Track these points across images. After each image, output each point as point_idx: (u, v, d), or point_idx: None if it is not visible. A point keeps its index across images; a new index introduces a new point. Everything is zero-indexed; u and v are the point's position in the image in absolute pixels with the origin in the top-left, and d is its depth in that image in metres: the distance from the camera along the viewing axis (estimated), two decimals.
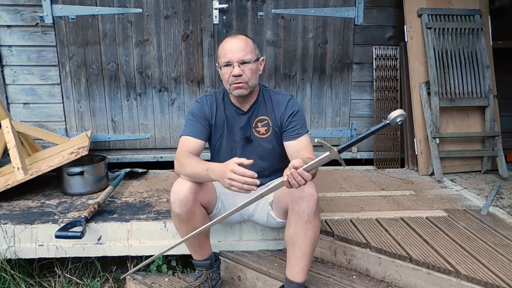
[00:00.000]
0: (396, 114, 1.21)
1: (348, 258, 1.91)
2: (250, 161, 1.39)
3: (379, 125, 1.26)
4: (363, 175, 2.92)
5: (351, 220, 2.10)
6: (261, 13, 2.90)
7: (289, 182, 1.35)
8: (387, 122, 1.24)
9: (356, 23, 2.97)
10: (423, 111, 2.87)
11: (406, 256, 1.75)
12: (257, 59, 1.68)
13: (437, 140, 2.82)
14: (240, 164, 1.38)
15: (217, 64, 1.72)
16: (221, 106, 1.78)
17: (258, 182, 1.36)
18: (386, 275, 1.80)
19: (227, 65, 1.63)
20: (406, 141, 3.03)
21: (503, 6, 3.06)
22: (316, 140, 1.38)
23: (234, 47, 1.62)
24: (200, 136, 1.72)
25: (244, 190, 1.37)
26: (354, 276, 1.85)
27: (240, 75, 1.61)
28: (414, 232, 1.98)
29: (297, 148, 1.69)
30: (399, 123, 1.23)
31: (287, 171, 1.37)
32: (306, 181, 1.35)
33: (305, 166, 1.35)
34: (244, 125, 1.76)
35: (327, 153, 1.32)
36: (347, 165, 3.13)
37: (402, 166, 3.10)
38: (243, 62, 1.61)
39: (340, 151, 1.30)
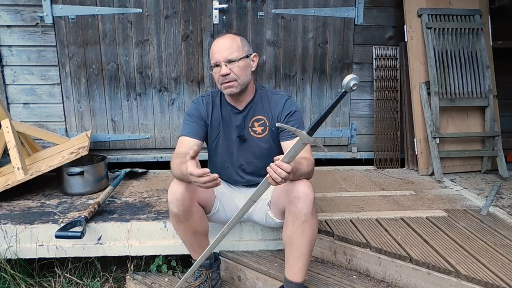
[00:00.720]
0: (348, 79, 1.19)
1: (348, 258, 1.91)
2: (193, 152, 1.38)
3: (338, 96, 1.23)
4: (363, 175, 2.92)
5: (351, 220, 2.10)
6: (261, 13, 2.90)
7: (271, 177, 1.35)
8: (343, 90, 1.21)
9: (356, 23, 2.97)
10: (423, 111, 2.87)
11: (406, 256, 1.75)
12: (247, 56, 1.67)
13: (437, 140, 2.82)
14: (193, 158, 1.38)
15: (209, 68, 1.73)
16: (217, 106, 1.78)
17: (215, 176, 1.36)
18: (386, 275, 1.80)
19: (216, 66, 1.65)
20: (406, 141, 3.03)
21: (503, 6, 3.06)
22: (277, 124, 1.37)
23: (220, 47, 1.63)
24: (197, 136, 1.73)
25: (209, 187, 1.38)
26: (354, 276, 1.85)
27: (228, 74, 1.62)
28: (414, 232, 1.98)
29: None
30: (354, 88, 1.19)
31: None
32: (288, 173, 1.34)
33: (282, 157, 1.35)
34: (240, 124, 1.77)
35: (297, 138, 1.30)
36: (347, 165, 3.16)
37: (402, 166, 3.10)
38: (229, 61, 1.62)
39: (309, 133, 1.27)
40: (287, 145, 1.71)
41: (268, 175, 1.37)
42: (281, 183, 1.37)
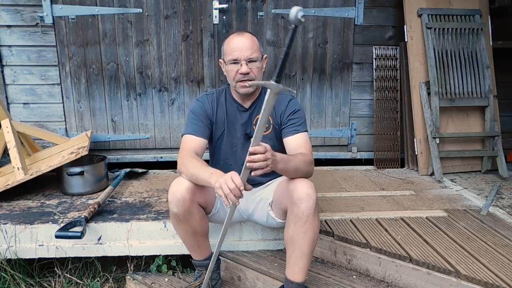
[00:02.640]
0: (294, 11, 1.17)
1: (348, 258, 1.91)
2: (250, 187, 1.38)
3: (291, 33, 1.22)
4: (363, 175, 2.92)
5: (351, 220, 2.10)
6: (261, 13, 2.90)
7: (252, 167, 1.33)
8: (293, 25, 1.21)
9: (356, 23, 2.97)
10: (423, 111, 2.87)
11: (406, 256, 1.75)
12: (262, 58, 1.69)
13: (437, 140, 2.82)
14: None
15: (221, 60, 1.72)
16: (222, 104, 1.78)
17: (238, 202, 1.35)
18: (386, 275, 1.80)
19: (234, 63, 1.63)
20: (406, 141, 3.03)
21: (503, 6, 3.05)
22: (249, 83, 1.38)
23: (242, 45, 1.62)
24: (203, 135, 1.72)
25: (226, 199, 1.34)
26: (354, 276, 1.85)
27: (248, 73, 1.62)
28: (414, 232, 1.98)
29: (296, 145, 1.68)
30: (303, 19, 1.18)
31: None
32: (263, 154, 1.32)
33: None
34: (245, 121, 1.77)
35: (269, 90, 1.28)
36: (347, 165, 3.16)
37: (402, 166, 3.10)
38: (250, 61, 1.62)
39: (277, 80, 1.26)
40: (288, 141, 1.71)
41: (247, 165, 1.34)
42: (268, 167, 1.34)
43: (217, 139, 1.81)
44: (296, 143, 1.68)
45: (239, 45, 1.62)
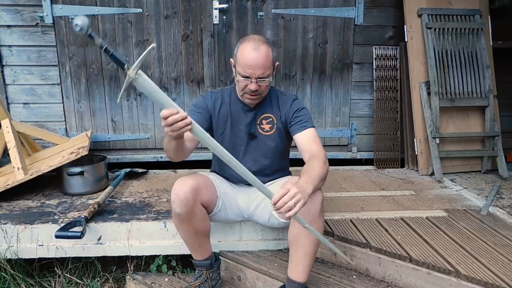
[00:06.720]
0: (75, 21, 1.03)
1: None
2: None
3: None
4: (363, 175, 2.92)
5: (351, 220, 2.10)
6: (261, 13, 2.90)
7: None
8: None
9: (356, 23, 2.97)
10: (423, 111, 2.87)
11: (406, 256, 1.75)
12: (273, 69, 1.67)
13: (437, 140, 2.82)
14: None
15: (231, 60, 1.69)
16: (227, 103, 1.79)
17: (184, 114, 1.23)
18: (386, 275, 1.80)
19: (244, 78, 1.62)
20: (406, 141, 3.03)
21: (503, 6, 3.06)
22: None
23: (255, 64, 1.58)
24: (199, 125, 1.72)
25: (180, 130, 1.25)
26: (354, 276, 1.85)
27: (256, 90, 1.63)
28: (414, 232, 1.98)
29: (306, 141, 1.68)
30: (88, 33, 1.05)
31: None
32: (274, 204, 1.26)
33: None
34: (250, 121, 1.78)
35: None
36: (347, 165, 3.15)
37: (402, 166, 3.10)
38: (260, 79, 1.62)
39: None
40: (298, 138, 1.70)
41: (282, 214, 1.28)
42: (301, 201, 1.27)
43: (218, 137, 1.81)
44: (307, 139, 1.69)
45: (253, 63, 1.58)
